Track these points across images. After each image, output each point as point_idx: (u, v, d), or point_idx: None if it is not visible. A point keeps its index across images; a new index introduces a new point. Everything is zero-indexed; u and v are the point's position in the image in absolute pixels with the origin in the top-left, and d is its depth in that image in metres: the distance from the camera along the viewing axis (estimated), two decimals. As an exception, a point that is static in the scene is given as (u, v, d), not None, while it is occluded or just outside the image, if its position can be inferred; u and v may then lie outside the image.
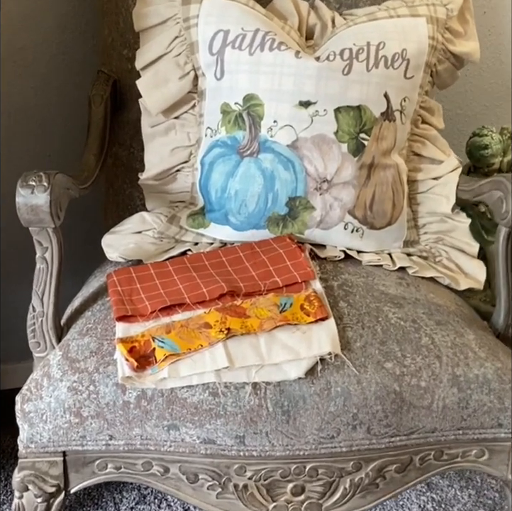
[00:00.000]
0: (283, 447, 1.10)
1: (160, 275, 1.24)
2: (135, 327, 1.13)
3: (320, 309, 1.14)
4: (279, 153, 1.30)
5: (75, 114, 1.63)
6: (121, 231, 1.41)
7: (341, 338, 1.13)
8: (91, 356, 1.11)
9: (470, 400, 1.13)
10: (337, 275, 1.28)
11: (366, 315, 1.18)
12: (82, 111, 1.52)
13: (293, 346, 1.10)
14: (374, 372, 1.10)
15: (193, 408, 1.08)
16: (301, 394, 1.08)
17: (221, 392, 1.07)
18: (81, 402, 1.08)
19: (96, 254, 1.40)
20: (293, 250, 1.27)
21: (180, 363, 1.08)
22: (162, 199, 1.47)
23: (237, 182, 1.33)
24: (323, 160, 1.30)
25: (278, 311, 1.14)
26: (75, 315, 1.24)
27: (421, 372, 1.12)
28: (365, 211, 1.35)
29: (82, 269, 1.45)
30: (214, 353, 1.08)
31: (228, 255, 1.29)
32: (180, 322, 1.13)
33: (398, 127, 1.35)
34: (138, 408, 1.08)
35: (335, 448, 1.11)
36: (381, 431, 1.11)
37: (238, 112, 1.32)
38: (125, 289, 1.21)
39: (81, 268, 1.45)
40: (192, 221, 1.40)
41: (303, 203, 1.32)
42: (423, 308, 1.22)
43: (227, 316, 1.12)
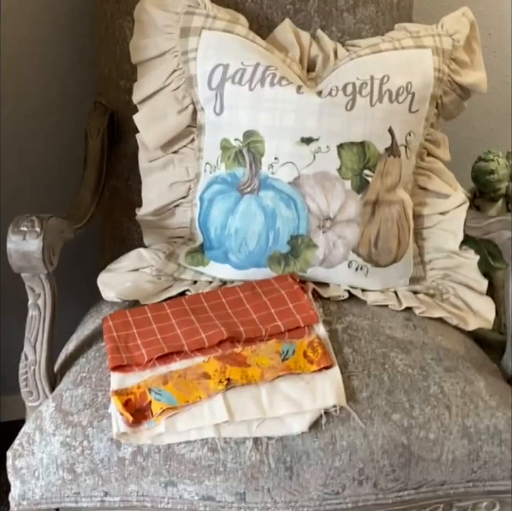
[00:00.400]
0: (285, 504, 1.05)
1: (157, 318, 1.20)
2: (131, 377, 1.08)
3: (324, 356, 1.10)
4: (281, 190, 1.26)
5: (71, 147, 1.59)
6: (118, 269, 1.37)
7: (346, 387, 1.08)
8: (85, 409, 1.07)
9: (481, 452, 1.08)
10: (341, 317, 1.23)
11: (372, 362, 1.13)
12: (78, 144, 1.49)
13: (296, 398, 1.05)
14: (380, 425, 1.06)
15: (192, 464, 1.03)
16: (304, 449, 1.04)
17: (221, 447, 1.03)
18: (74, 458, 1.03)
19: (92, 291, 1.36)
20: (295, 291, 1.23)
21: (177, 416, 1.03)
22: (160, 234, 1.42)
23: (238, 219, 1.28)
24: (325, 197, 1.26)
25: (280, 360, 1.09)
26: (69, 361, 1.19)
27: (430, 423, 1.07)
28: (370, 249, 1.30)
29: (78, 306, 1.41)
30: (213, 406, 1.04)
31: (228, 296, 1.25)
32: (178, 372, 1.08)
33: (404, 162, 1.31)
34: (134, 464, 1.03)
35: (341, 504, 1.06)
36: (389, 486, 1.06)
37: (238, 148, 1.27)
38: (120, 335, 1.16)
39: (77, 305, 1.41)
40: (191, 258, 1.35)
41: (305, 241, 1.28)
42: (431, 353, 1.17)
43: (226, 365, 1.08)
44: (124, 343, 1.14)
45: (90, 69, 1.59)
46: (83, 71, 1.62)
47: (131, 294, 1.30)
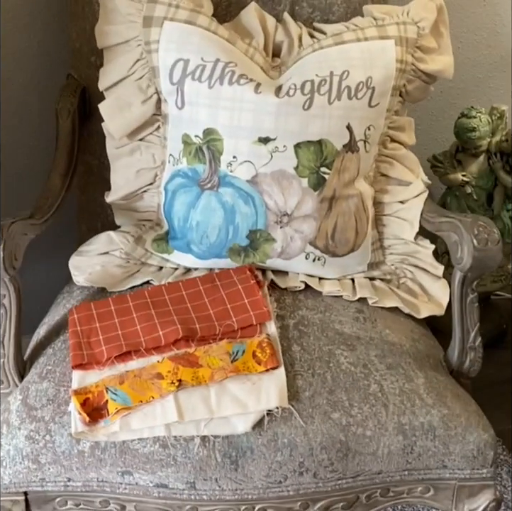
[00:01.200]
0: (232, 492, 1.15)
1: (120, 312, 1.27)
2: (91, 376, 1.17)
3: (271, 357, 1.17)
4: (239, 188, 1.30)
5: (43, 126, 1.62)
6: (88, 252, 1.43)
7: (290, 387, 1.16)
8: (48, 404, 1.15)
9: (415, 446, 1.16)
10: (294, 311, 1.30)
11: (318, 360, 1.20)
12: (51, 123, 1.51)
13: (243, 399, 1.13)
14: (320, 423, 1.14)
15: (145, 458, 1.12)
16: (248, 445, 1.13)
17: (171, 444, 1.12)
18: (38, 450, 1.13)
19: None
20: (251, 286, 1.29)
21: (131, 416, 1.12)
22: (130, 216, 1.48)
23: (199, 213, 1.33)
24: (283, 194, 1.30)
25: (229, 361, 1.17)
26: (38, 349, 1.27)
27: (367, 421, 1.15)
28: (327, 241, 1.35)
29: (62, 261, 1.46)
30: (165, 406, 1.12)
31: (189, 288, 1.31)
32: (133, 372, 1.16)
33: (362, 156, 1.34)
34: (92, 456, 1.13)
35: (283, 492, 1.16)
36: (327, 476, 1.16)
37: (198, 145, 1.30)
38: (84, 330, 1.24)
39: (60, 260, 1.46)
40: (156, 246, 1.41)
41: (263, 235, 1.32)
42: (376, 349, 1.24)
43: (179, 366, 1.15)
44: (86, 339, 1.22)
45: (62, 42, 1.60)
46: (55, 44, 1.62)
47: (99, 280, 1.37)
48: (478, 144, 1.97)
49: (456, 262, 1.22)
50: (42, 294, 1.54)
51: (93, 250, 1.43)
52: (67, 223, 1.61)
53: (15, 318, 1.21)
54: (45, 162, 1.48)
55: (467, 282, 1.22)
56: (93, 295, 1.37)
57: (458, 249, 1.21)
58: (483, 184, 2.01)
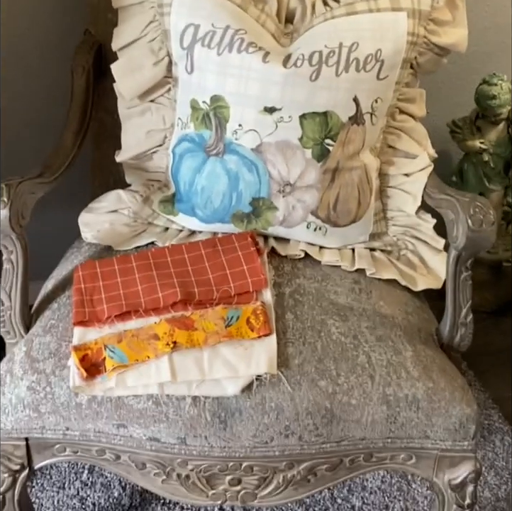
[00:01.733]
0: (220, 449, 1.21)
1: (123, 271, 1.31)
2: (91, 332, 1.22)
3: (264, 325, 1.21)
4: (244, 156, 1.32)
5: (58, 83, 1.64)
6: (98, 209, 1.47)
7: (281, 354, 1.20)
8: (50, 357, 1.21)
9: (398, 416, 1.21)
10: (292, 280, 1.33)
11: (310, 329, 1.24)
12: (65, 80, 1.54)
13: (234, 363, 1.18)
14: (307, 390, 1.18)
15: (139, 413, 1.18)
16: (237, 407, 1.18)
17: (163, 402, 1.17)
18: (38, 400, 1.19)
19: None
20: (251, 253, 1.32)
21: (127, 373, 1.17)
22: (139, 175, 1.51)
23: (204, 178, 1.36)
24: (286, 164, 1.32)
25: (223, 326, 1.21)
26: (45, 303, 1.33)
27: (353, 391, 1.19)
28: (328, 212, 1.37)
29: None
30: (159, 366, 1.17)
31: (191, 251, 1.35)
32: (131, 331, 1.21)
33: (368, 129, 1.34)
34: (90, 409, 1.19)
35: (269, 452, 1.22)
36: (312, 440, 1.21)
37: (206, 111, 1.32)
38: (87, 287, 1.28)
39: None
40: (163, 207, 1.44)
41: (266, 203, 1.35)
42: (368, 321, 1.27)
43: (175, 329, 1.20)
44: (89, 296, 1.27)
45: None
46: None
47: (106, 238, 1.41)
48: (498, 112, 1.95)
49: (451, 240, 1.24)
50: (57, 242, 1.60)
51: (103, 208, 1.47)
52: (82, 177, 1.66)
53: (22, 273, 1.26)
54: (57, 119, 1.51)
55: (461, 261, 1.24)
56: (100, 253, 1.42)
57: (454, 228, 1.23)
58: (501, 152, 2.01)
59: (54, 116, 1.64)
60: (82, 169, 1.62)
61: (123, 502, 1.63)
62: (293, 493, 1.27)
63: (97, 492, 1.64)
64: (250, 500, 1.27)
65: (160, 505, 1.61)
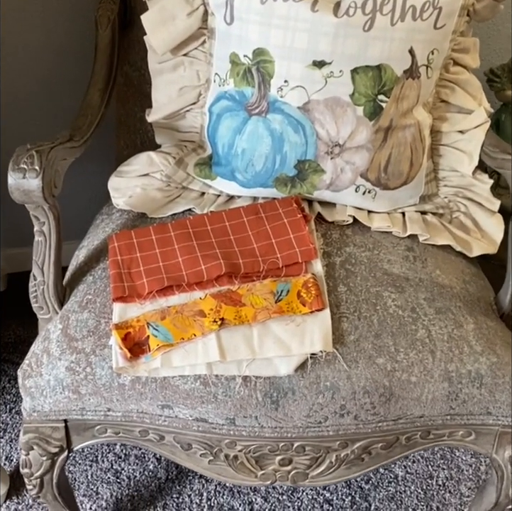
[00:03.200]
0: (271, 429, 1.14)
1: (161, 241, 1.23)
2: (132, 309, 1.14)
3: (316, 299, 1.13)
4: (289, 115, 1.22)
5: (81, 36, 1.52)
6: (128, 173, 1.38)
7: (335, 330, 1.12)
8: (89, 336, 1.14)
9: (460, 393, 1.14)
10: (341, 248, 1.24)
11: (365, 303, 1.16)
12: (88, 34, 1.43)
13: (286, 340, 1.10)
14: (364, 368, 1.11)
15: (185, 394, 1.11)
16: (290, 386, 1.11)
17: (212, 382, 1.10)
18: (78, 381, 1.12)
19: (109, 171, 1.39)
20: (297, 221, 1.23)
21: (173, 352, 1.10)
22: (171, 135, 1.41)
23: (245, 140, 1.26)
24: (335, 123, 1.22)
25: (273, 301, 1.13)
26: (78, 275, 1.25)
27: (413, 367, 1.12)
28: (379, 174, 1.28)
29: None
30: (207, 345, 1.10)
31: (232, 219, 1.26)
32: (175, 308, 1.13)
33: (423, 83, 1.24)
34: (133, 390, 1.12)
35: (322, 432, 1.15)
36: (368, 418, 1.14)
37: (247, 66, 1.22)
38: (124, 259, 1.20)
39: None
40: (199, 170, 1.35)
41: (312, 166, 1.25)
42: (425, 292, 1.19)
43: (222, 304, 1.12)
44: (127, 269, 1.19)
45: None
46: None
47: (139, 204, 1.32)
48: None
49: (517, 204, 1.15)
50: (85, 206, 1.52)
51: (133, 171, 1.38)
52: (107, 138, 1.56)
53: (55, 245, 1.17)
54: (83, 76, 1.40)
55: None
56: (132, 220, 1.33)
57: (521, 192, 1.13)
58: (542, 102, 1.89)
59: (76, 73, 1.53)
60: (107, 129, 1.53)
61: (159, 475, 1.58)
62: (345, 472, 1.21)
63: (131, 465, 1.59)
64: (301, 480, 1.21)
65: (197, 478, 1.56)
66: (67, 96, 1.50)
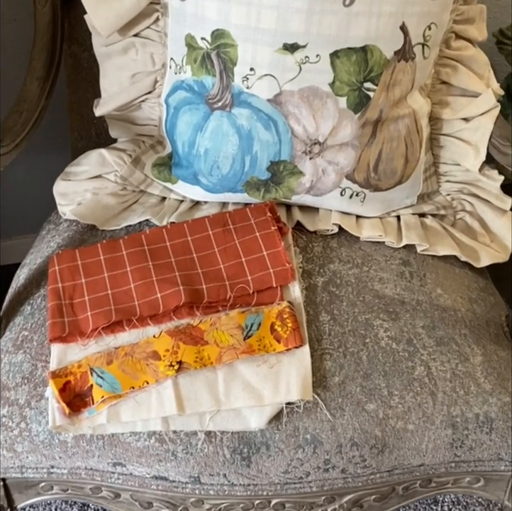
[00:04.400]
0: (244, 487, 0.97)
1: (111, 263, 1.04)
2: (73, 350, 0.96)
3: (293, 333, 0.94)
4: (258, 109, 1.01)
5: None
6: (77, 175, 1.18)
7: (317, 370, 0.94)
8: (23, 384, 0.96)
9: (466, 440, 0.96)
10: (324, 265, 1.05)
11: (351, 335, 0.97)
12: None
13: (257, 387, 0.92)
14: (352, 417, 0.93)
15: (139, 452, 0.94)
16: (263, 441, 0.93)
17: (169, 439, 0.92)
18: (12, 438, 0.95)
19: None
20: (271, 234, 1.04)
21: (121, 405, 0.91)
22: (126, 128, 1.21)
23: (207, 138, 1.06)
24: (314, 118, 1.01)
25: (242, 337, 0.94)
26: (15, 304, 1.06)
27: (409, 414, 0.94)
28: (368, 174, 1.08)
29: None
30: (162, 394, 0.91)
31: (195, 232, 1.06)
32: (124, 349, 0.94)
33: (419, 65, 1.03)
34: (77, 447, 0.94)
35: (304, 488, 0.98)
36: (358, 472, 0.97)
37: (206, 51, 1.01)
38: (66, 287, 1.01)
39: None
40: (157, 172, 1.15)
41: (288, 168, 1.05)
42: (424, 318, 1.00)
43: (180, 344, 0.94)
44: (69, 300, 1.00)
45: None
46: None
47: (88, 214, 1.13)
48: None
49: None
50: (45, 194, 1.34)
51: (83, 173, 1.18)
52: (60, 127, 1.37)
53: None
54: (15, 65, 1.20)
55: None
56: (81, 233, 1.14)
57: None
58: (556, 67, 1.67)
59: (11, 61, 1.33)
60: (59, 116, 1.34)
61: None
62: (333, 527, 1.04)
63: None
64: (282, 538, 1.04)
65: None
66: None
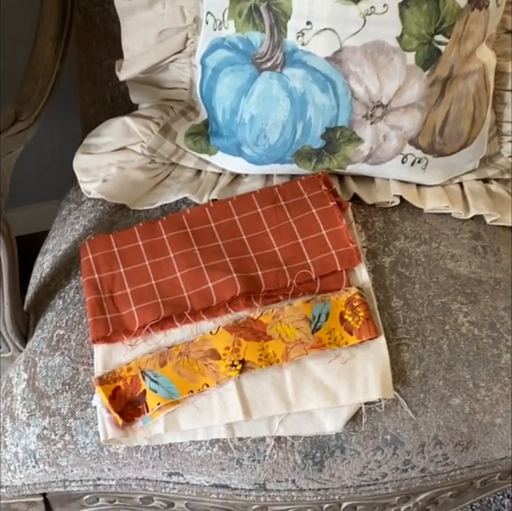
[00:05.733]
0: (313, 492, 0.88)
1: (151, 248, 0.92)
2: (119, 351, 0.85)
3: (367, 323, 0.84)
4: (314, 69, 0.89)
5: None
6: (99, 148, 1.06)
7: (394, 363, 0.84)
8: (64, 391, 0.85)
9: (559, 430, 0.87)
10: (389, 242, 0.95)
11: (429, 322, 0.87)
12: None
13: (331, 385, 0.82)
14: (435, 413, 0.84)
15: (200, 461, 0.84)
16: (338, 444, 0.83)
17: (234, 446, 0.83)
18: (56, 452, 0.84)
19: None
20: (330, 211, 0.93)
21: (180, 412, 0.81)
22: (151, 92, 1.08)
23: (254, 104, 0.93)
24: (377, 77, 0.89)
25: (310, 330, 0.84)
26: (43, 297, 0.95)
27: (497, 406, 0.85)
28: (433, 138, 0.96)
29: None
30: (225, 398, 0.81)
31: (242, 210, 0.95)
32: (178, 348, 0.84)
33: (492, 13, 0.91)
34: (130, 458, 0.84)
35: (379, 490, 0.89)
36: (438, 470, 0.88)
37: (253, 3, 0.88)
38: (103, 278, 0.90)
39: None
40: (192, 143, 1.02)
41: (346, 135, 0.94)
42: (505, 298, 0.91)
43: (241, 340, 0.83)
44: (109, 293, 0.88)
45: None
46: None
47: (117, 192, 1.01)
48: None
49: None
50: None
51: (105, 145, 1.05)
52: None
53: (8, 269, 0.86)
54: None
55: None
56: (110, 214, 1.02)
57: None
58: None
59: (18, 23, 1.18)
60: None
61: None
62: (405, 525, 0.96)
63: None
64: (350, 540, 0.96)
65: None
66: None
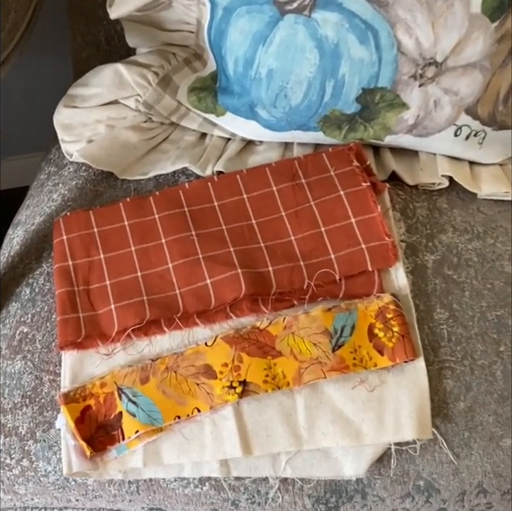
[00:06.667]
0: (325, 538, 0.72)
1: (139, 230, 0.75)
2: (93, 360, 0.68)
3: (402, 341, 0.67)
4: (352, 13, 0.70)
5: None
6: (85, 100, 0.88)
7: (434, 392, 0.67)
8: (24, 405, 0.69)
9: None
10: (434, 236, 0.77)
11: (480, 340, 0.70)
12: None
13: (353, 418, 0.65)
14: (482, 456, 0.67)
15: (187, 499, 0.68)
16: (358, 488, 0.67)
17: (229, 486, 0.67)
18: (12, 479, 0.69)
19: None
20: (362, 193, 0.75)
21: (163, 441, 0.65)
22: (150, 34, 0.89)
23: (273, 55, 0.74)
24: (432, 27, 0.70)
25: (330, 347, 0.67)
26: (10, 281, 0.78)
27: (559, 449, 0.68)
28: (494, 107, 0.78)
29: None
30: (219, 428, 0.65)
31: (253, 187, 0.77)
32: (165, 360, 0.67)
33: None
34: (101, 491, 0.69)
35: (404, 538, 0.73)
36: None
37: None
38: (79, 265, 0.73)
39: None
40: (197, 100, 0.84)
41: (387, 98, 0.75)
42: None
43: (243, 356, 0.66)
44: (84, 285, 0.72)
45: None
46: None
47: (103, 156, 0.84)
48: None
49: None
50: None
51: (93, 97, 0.88)
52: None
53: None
54: None
55: None
56: (95, 182, 0.85)
57: None
58: None
59: None
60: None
61: None
62: None
63: None
64: None
65: None
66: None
